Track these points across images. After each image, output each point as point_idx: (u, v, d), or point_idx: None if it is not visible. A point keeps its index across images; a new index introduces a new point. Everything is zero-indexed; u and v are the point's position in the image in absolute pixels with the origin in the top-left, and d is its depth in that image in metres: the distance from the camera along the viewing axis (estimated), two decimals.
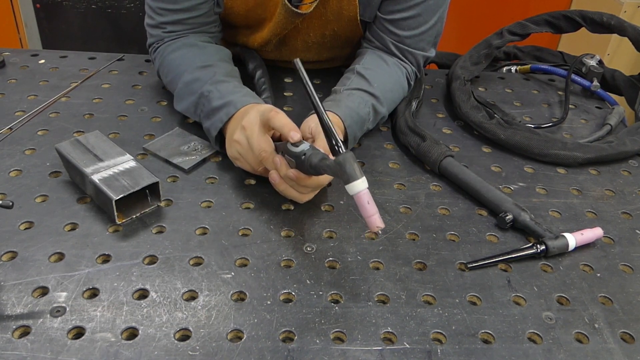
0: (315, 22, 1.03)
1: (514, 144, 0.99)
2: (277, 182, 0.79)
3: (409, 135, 0.97)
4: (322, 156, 0.72)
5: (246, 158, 0.82)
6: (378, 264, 0.75)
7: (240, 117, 0.83)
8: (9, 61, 1.14)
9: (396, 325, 0.67)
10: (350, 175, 0.65)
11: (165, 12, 0.97)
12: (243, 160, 0.83)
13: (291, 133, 0.74)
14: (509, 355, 0.64)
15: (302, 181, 0.77)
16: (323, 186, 0.82)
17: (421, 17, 0.99)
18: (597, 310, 0.71)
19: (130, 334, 0.63)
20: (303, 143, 0.75)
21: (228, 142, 0.85)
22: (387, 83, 1.00)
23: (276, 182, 0.79)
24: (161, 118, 1.00)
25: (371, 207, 0.66)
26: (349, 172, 0.65)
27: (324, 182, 0.80)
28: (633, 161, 1.02)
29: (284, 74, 1.18)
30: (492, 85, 1.24)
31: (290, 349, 0.63)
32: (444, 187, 0.91)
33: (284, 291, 0.70)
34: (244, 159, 0.83)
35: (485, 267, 0.76)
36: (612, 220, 0.87)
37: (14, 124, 0.95)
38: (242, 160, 0.83)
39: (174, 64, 0.96)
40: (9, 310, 0.64)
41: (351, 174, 0.65)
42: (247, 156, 0.81)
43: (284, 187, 0.79)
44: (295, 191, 0.80)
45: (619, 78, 1.21)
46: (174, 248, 0.74)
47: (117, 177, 0.77)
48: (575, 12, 1.17)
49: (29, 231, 0.75)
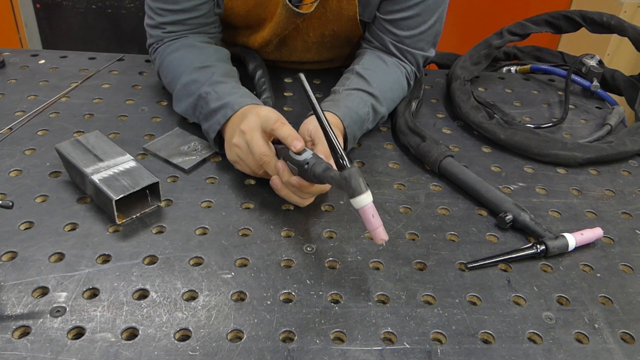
0: (314, 22, 1.03)
1: (514, 144, 0.99)
2: (279, 188, 0.79)
3: (409, 135, 0.97)
4: (325, 166, 0.72)
5: (246, 162, 0.82)
6: (378, 264, 0.75)
7: (239, 119, 0.83)
8: (9, 61, 1.14)
9: (396, 325, 0.67)
10: (355, 190, 0.67)
11: (165, 13, 0.97)
12: (243, 164, 0.83)
13: (294, 142, 0.74)
14: (509, 355, 0.64)
15: (305, 189, 0.77)
16: (325, 192, 0.83)
17: (420, 17, 0.99)
18: (597, 310, 0.71)
19: (130, 334, 0.63)
20: (306, 151, 0.75)
21: (227, 145, 0.85)
22: (387, 83, 1.00)
23: (278, 187, 0.79)
24: (161, 118, 1.00)
25: (376, 220, 0.67)
26: (355, 186, 0.67)
27: (326, 189, 0.81)
28: (633, 161, 1.02)
29: (284, 74, 1.18)
30: (492, 85, 1.24)
31: (290, 349, 0.63)
32: (444, 187, 0.91)
33: (284, 291, 0.70)
34: (244, 163, 0.83)
35: (485, 267, 0.76)
36: (612, 220, 0.87)
37: (14, 124, 0.95)
38: (242, 163, 0.83)
39: (173, 65, 0.96)
40: (9, 310, 0.64)
41: (356, 189, 0.67)
42: (247, 160, 0.81)
43: (286, 193, 0.79)
44: (296, 196, 0.80)
45: (619, 78, 1.21)
46: (174, 248, 0.74)
47: (117, 177, 0.77)
48: (575, 12, 1.17)
49: (29, 231, 0.75)
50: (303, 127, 0.85)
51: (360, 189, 0.67)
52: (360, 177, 0.67)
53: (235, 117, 0.84)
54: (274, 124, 0.77)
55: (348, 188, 0.67)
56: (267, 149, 0.79)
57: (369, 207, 0.67)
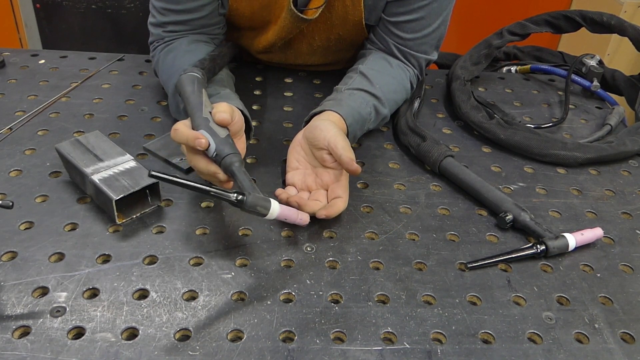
0: (320, 26, 1.03)
1: (514, 144, 0.99)
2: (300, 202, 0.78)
3: (409, 135, 0.97)
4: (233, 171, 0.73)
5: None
6: (378, 264, 0.75)
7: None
8: (9, 61, 1.14)
9: (396, 325, 0.67)
10: (263, 213, 0.70)
11: (168, 13, 0.97)
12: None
13: (197, 142, 0.72)
14: (509, 355, 0.64)
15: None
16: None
17: (425, 20, 0.98)
18: (597, 310, 0.71)
19: (130, 334, 0.63)
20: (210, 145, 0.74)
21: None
22: (390, 84, 1.00)
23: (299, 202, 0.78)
24: (161, 118, 1.00)
25: (292, 213, 0.73)
26: (261, 211, 0.70)
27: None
28: (633, 161, 1.02)
29: (284, 74, 1.18)
30: (492, 85, 1.24)
31: (290, 349, 0.63)
32: (444, 187, 0.91)
33: (284, 291, 0.70)
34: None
35: (485, 267, 0.76)
36: (612, 220, 0.87)
37: (14, 124, 0.95)
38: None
39: (166, 67, 0.96)
40: (9, 310, 0.64)
41: (262, 211, 0.70)
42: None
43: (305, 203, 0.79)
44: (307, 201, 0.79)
45: (619, 78, 1.21)
46: (174, 248, 0.74)
47: (117, 177, 0.77)
48: (575, 12, 1.17)
49: (29, 231, 0.75)
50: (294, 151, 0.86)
51: (265, 210, 0.70)
52: (257, 199, 0.69)
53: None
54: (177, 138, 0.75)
55: (258, 214, 0.70)
56: (206, 166, 0.76)
57: (279, 213, 0.72)
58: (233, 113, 0.76)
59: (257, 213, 0.70)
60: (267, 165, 0.91)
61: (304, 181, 0.84)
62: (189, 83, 0.81)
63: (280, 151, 0.93)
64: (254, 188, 0.71)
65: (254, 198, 0.69)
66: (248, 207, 0.69)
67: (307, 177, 0.84)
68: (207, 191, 0.68)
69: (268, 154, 0.94)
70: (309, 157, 0.85)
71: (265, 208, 0.70)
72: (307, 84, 1.16)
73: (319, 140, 0.82)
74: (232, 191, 0.69)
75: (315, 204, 0.79)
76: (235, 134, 0.78)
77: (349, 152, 0.79)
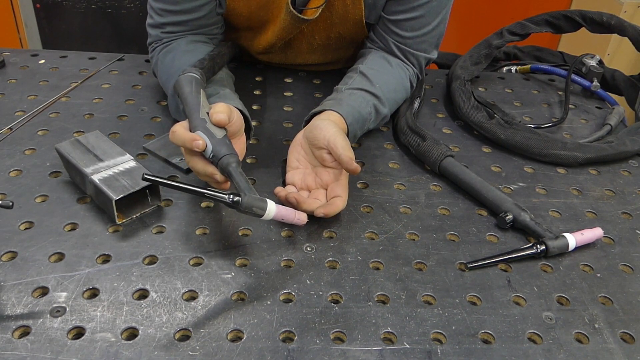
0: (320, 25, 1.03)
1: (514, 144, 0.99)
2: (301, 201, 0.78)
3: (409, 135, 0.97)
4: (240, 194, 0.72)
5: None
6: (378, 264, 0.75)
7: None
8: (9, 61, 1.14)
9: (396, 325, 0.67)
10: (259, 214, 0.70)
11: (165, 14, 0.96)
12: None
13: (194, 144, 0.73)
14: (509, 355, 0.64)
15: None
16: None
17: (424, 18, 0.98)
18: (597, 310, 0.71)
19: (130, 334, 0.63)
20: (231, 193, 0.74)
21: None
22: (390, 84, 1.00)
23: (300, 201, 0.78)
24: (161, 118, 1.00)
25: (289, 213, 0.73)
26: (257, 212, 0.70)
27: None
28: (633, 161, 1.02)
29: (284, 74, 1.18)
30: (492, 85, 1.24)
31: (290, 349, 0.63)
32: (444, 187, 0.91)
33: (284, 291, 0.70)
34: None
35: (485, 267, 0.76)
36: (612, 220, 0.87)
37: (14, 124, 0.95)
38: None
39: (165, 67, 0.96)
40: (9, 310, 0.64)
41: (259, 212, 0.70)
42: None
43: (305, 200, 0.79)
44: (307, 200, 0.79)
45: (619, 78, 1.21)
46: (174, 248, 0.74)
47: (117, 177, 0.77)
48: (575, 12, 1.17)
49: (29, 231, 0.75)
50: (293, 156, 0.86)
51: (261, 210, 0.70)
52: (253, 201, 0.69)
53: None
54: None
55: (254, 214, 0.70)
56: (204, 168, 0.76)
57: (276, 213, 0.72)
58: (231, 113, 0.76)
59: (253, 214, 0.70)
60: (267, 165, 0.91)
61: (303, 180, 0.84)
62: (186, 84, 0.81)
63: (280, 151, 0.93)
64: (251, 189, 0.71)
65: (250, 199, 0.69)
66: (243, 208, 0.69)
67: (307, 177, 0.84)
68: (201, 193, 0.68)
69: (268, 154, 0.94)
70: (309, 157, 0.85)
71: (261, 209, 0.70)
72: (307, 84, 1.16)
73: (318, 139, 0.82)
74: (228, 192, 0.69)
75: (313, 202, 0.79)
76: (234, 134, 0.78)
77: (349, 152, 0.79)
